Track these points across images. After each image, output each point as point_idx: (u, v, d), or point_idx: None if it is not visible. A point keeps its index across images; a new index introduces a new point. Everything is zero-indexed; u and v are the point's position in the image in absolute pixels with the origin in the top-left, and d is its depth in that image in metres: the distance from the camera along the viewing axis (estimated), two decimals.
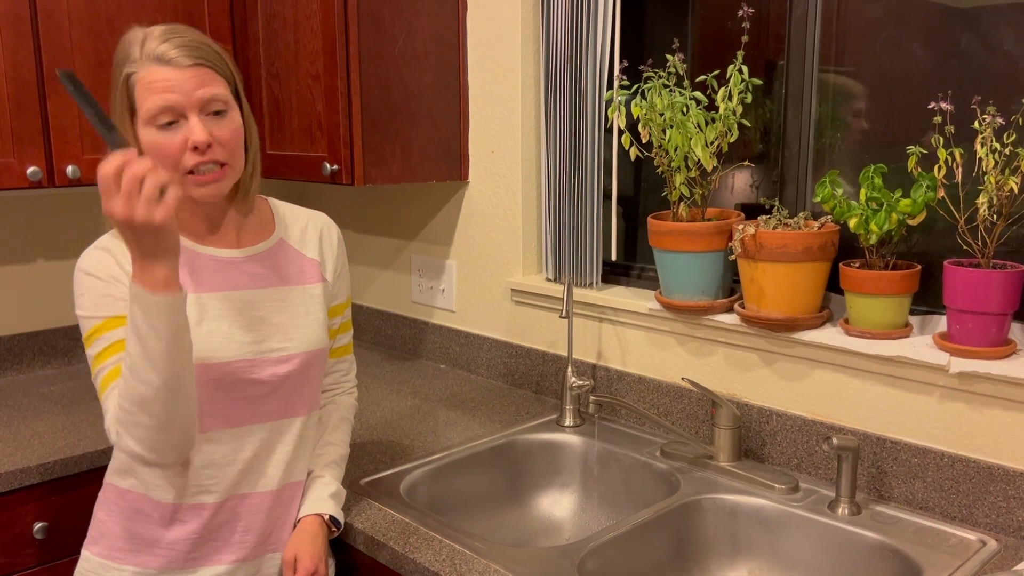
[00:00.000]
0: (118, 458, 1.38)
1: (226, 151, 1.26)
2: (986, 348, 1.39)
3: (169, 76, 1.21)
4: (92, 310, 1.25)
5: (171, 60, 1.22)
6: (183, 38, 1.24)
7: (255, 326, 1.34)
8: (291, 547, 1.39)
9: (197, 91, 1.23)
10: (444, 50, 2.12)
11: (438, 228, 2.33)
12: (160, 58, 1.22)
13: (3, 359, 2.26)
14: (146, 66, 1.22)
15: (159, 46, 1.22)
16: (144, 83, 1.22)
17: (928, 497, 1.47)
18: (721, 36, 1.81)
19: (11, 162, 1.91)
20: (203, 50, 1.25)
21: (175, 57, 1.22)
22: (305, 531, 1.40)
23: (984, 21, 1.50)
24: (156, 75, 1.21)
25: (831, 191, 1.56)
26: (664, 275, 1.76)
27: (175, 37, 1.24)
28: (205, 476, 1.33)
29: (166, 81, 1.21)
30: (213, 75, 1.25)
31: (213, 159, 1.25)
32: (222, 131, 1.25)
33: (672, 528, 1.52)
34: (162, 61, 1.22)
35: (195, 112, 1.23)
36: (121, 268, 1.26)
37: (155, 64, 1.22)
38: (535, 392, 2.13)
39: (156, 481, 1.34)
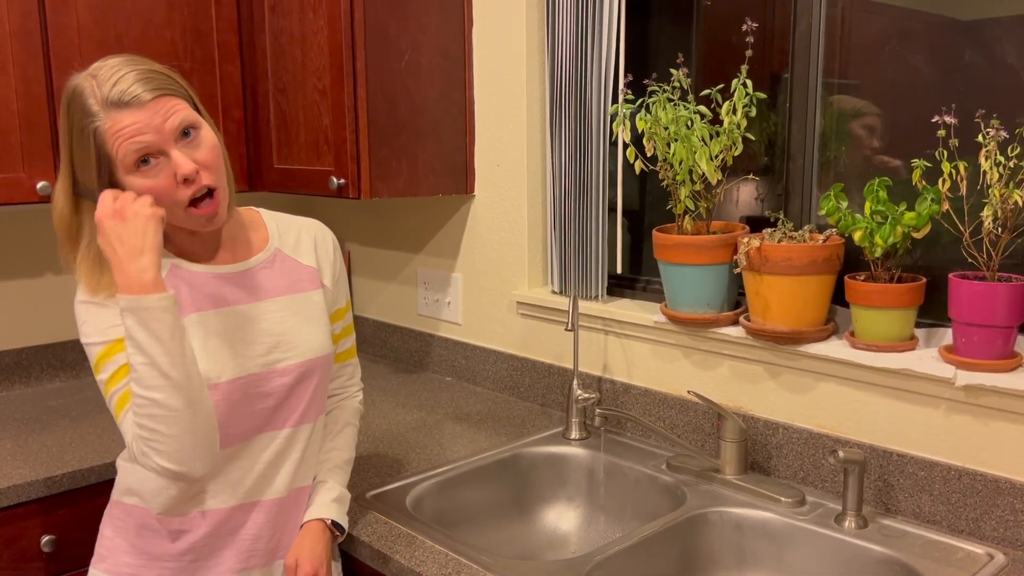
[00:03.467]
0: (124, 477, 1.39)
1: (212, 173, 1.26)
2: (992, 361, 1.39)
3: (137, 118, 1.18)
4: (97, 336, 1.25)
5: (131, 100, 1.18)
6: (132, 72, 1.20)
7: (259, 339, 1.35)
8: (293, 551, 1.40)
9: (166, 123, 1.20)
10: (450, 65, 2.13)
11: (444, 241, 2.34)
12: (119, 102, 1.18)
13: (12, 372, 2.27)
14: (109, 115, 1.18)
15: (112, 90, 1.19)
16: (112, 133, 1.19)
17: (935, 510, 1.47)
18: (725, 50, 1.81)
19: (21, 177, 1.93)
20: (156, 79, 1.22)
21: (135, 95, 1.19)
22: (307, 535, 1.40)
23: (987, 34, 1.51)
24: (122, 121, 1.18)
25: (836, 204, 1.56)
26: (669, 288, 1.76)
27: (124, 74, 1.20)
28: (217, 489, 1.34)
29: (134, 124, 1.18)
30: (174, 100, 1.23)
31: (203, 184, 1.25)
32: (202, 153, 1.25)
33: (678, 541, 1.52)
34: (122, 105, 1.18)
35: (172, 145, 1.21)
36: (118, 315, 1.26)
37: (116, 110, 1.18)
38: (541, 405, 2.13)
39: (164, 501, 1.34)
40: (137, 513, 1.36)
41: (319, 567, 1.38)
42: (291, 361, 1.37)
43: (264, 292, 1.38)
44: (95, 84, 1.20)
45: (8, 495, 1.66)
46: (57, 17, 1.95)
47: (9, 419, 2.04)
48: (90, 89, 1.20)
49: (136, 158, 1.20)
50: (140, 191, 1.21)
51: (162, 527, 1.34)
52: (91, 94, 1.20)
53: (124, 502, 1.38)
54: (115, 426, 1.97)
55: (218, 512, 1.35)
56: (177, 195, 1.23)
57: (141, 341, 1.16)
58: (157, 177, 1.21)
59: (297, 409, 1.39)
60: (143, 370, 1.17)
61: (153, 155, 1.21)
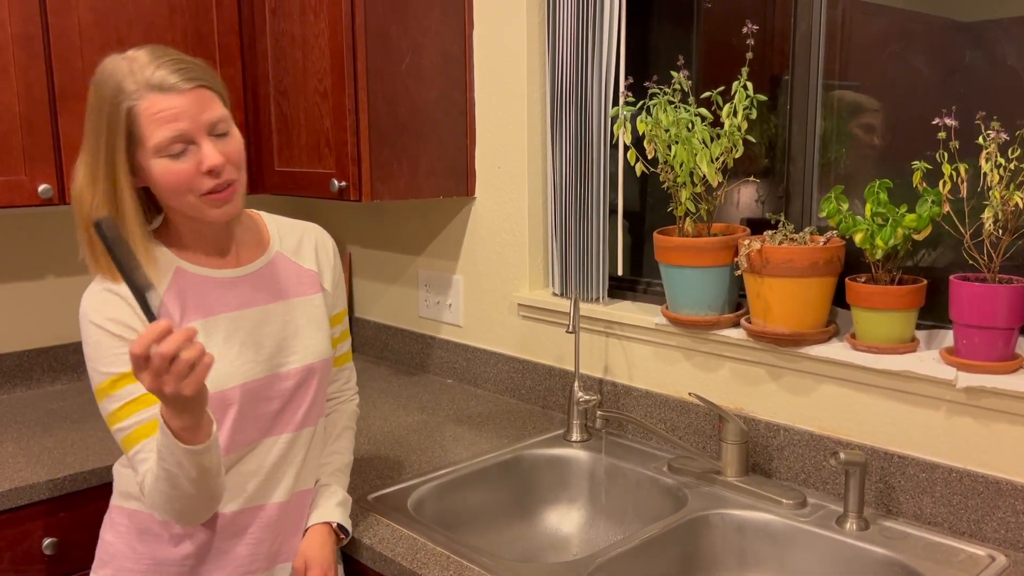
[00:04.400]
0: (123, 482, 1.39)
1: (235, 169, 1.27)
2: (993, 363, 1.39)
3: (174, 104, 1.19)
4: (103, 365, 1.24)
5: (172, 86, 1.19)
6: (175, 62, 1.22)
7: (263, 343, 1.35)
8: (301, 555, 1.41)
9: (203, 115, 1.22)
10: (451, 67, 2.14)
11: (445, 243, 2.34)
12: (160, 86, 1.19)
13: (13, 375, 2.27)
14: (146, 96, 1.19)
15: (154, 73, 1.19)
16: (148, 114, 1.19)
17: (936, 512, 1.47)
18: (726, 52, 1.82)
19: (22, 180, 1.93)
20: (197, 70, 1.24)
21: (176, 83, 1.20)
22: (314, 539, 1.41)
23: (988, 36, 1.51)
24: (161, 104, 1.19)
25: (836, 206, 1.56)
26: (670, 290, 1.76)
27: (167, 61, 1.21)
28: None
29: (172, 109, 1.19)
30: (212, 95, 1.24)
31: (226, 178, 1.25)
32: (229, 149, 1.26)
33: (679, 543, 1.52)
34: (163, 89, 1.19)
35: (204, 136, 1.22)
36: (131, 309, 1.24)
37: (156, 93, 1.19)
38: (542, 407, 2.13)
39: None
40: (139, 518, 1.36)
41: (328, 570, 1.39)
42: (294, 365, 1.37)
43: (268, 296, 1.38)
44: (134, 66, 1.21)
45: (10, 497, 1.66)
46: (59, 20, 1.95)
47: (11, 422, 2.05)
48: (127, 70, 1.20)
49: (169, 142, 1.20)
50: (162, 175, 1.22)
51: (164, 531, 1.34)
52: (128, 74, 1.20)
53: (125, 507, 1.38)
54: None
55: (222, 516, 1.35)
56: (196, 184, 1.23)
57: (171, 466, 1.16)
58: (182, 162, 1.22)
59: (299, 413, 1.39)
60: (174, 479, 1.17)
61: (184, 142, 1.21)
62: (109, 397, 1.24)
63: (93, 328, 1.24)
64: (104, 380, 1.24)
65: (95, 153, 1.22)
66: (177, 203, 1.26)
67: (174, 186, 1.22)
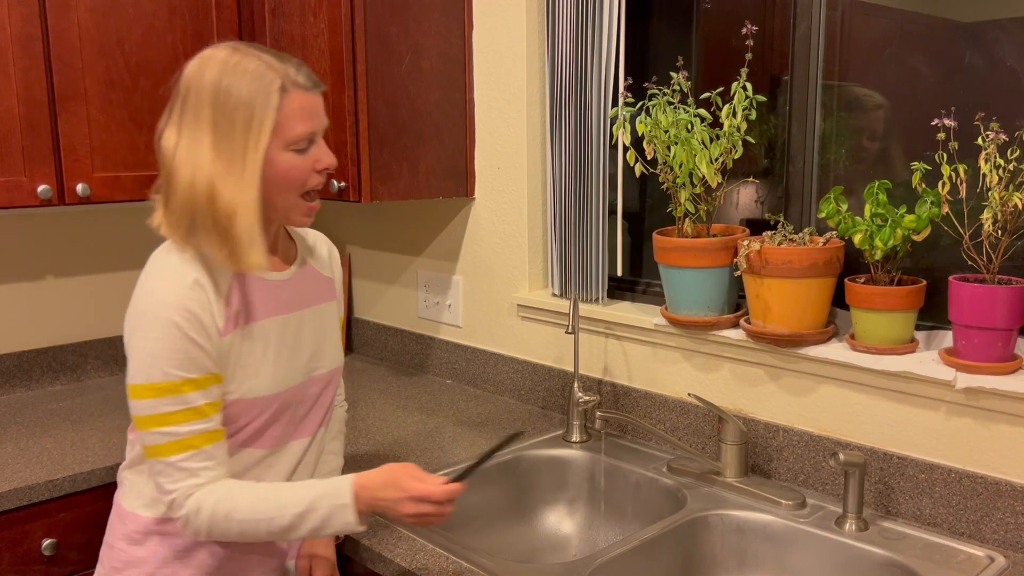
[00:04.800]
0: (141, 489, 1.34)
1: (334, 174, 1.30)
2: (992, 363, 1.39)
3: (313, 103, 1.25)
4: (172, 365, 1.19)
5: (313, 85, 1.25)
6: (298, 64, 1.26)
7: (301, 348, 1.36)
8: (305, 554, 1.42)
9: (324, 118, 1.27)
10: (450, 68, 2.14)
11: (445, 244, 2.34)
12: (304, 84, 1.23)
13: (12, 375, 2.27)
14: (292, 91, 1.22)
15: (298, 71, 1.24)
16: (292, 108, 1.21)
17: (936, 513, 1.47)
18: (725, 53, 1.82)
19: (22, 180, 1.93)
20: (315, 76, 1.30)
21: (316, 83, 1.26)
22: (319, 539, 1.43)
23: (987, 36, 1.51)
24: (302, 100, 1.23)
25: (835, 207, 1.56)
26: (670, 291, 1.76)
27: (297, 62, 1.26)
28: None
29: (311, 107, 1.24)
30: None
31: (330, 179, 1.27)
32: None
33: (679, 544, 1.52)
34: (305, 87, 1.24)
35: (320, 138, 1.27)
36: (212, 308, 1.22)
37: (300, 90, 1.23)
38: (541, 407, 2.13)
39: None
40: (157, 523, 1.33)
41: (335, 569, 1.42)
42: (323, 370, 1.39)
43: (303, 301, 1.38)
44: (269, 62, 1.22)
45: (9, 498, 1.66)
46: (58, 21, 1.95)
47: (10, 422, 2.05)
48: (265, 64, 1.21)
49: (302, 137, 1.23)
50: (285, 168, 1.23)
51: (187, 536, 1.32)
52: (269, 69, 1.21)
53: (141, 514, 1.34)
54: (115, 429, 1.97)
55: None
56: (308, 180, 1.26)
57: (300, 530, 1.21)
58: (303, 159, 1.25)
59: (318, 417, 1.41)
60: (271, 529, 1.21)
61: (310, 140, 1.25)
62: (166, 398, 1.19)
63: (170, 325, 1.19)
64: (166, 380, 1.19)
65: (229, 139, 1.20)
66: (280, 199, 1.26)
67: (291, 181, 1.24)
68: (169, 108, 1.25)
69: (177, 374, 1.19)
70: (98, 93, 2.03)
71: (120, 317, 2.46)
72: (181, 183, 1.20)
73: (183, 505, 1.21)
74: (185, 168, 1.20)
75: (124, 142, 2.09)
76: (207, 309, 1.22)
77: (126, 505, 1.36)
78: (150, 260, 1.26)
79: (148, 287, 1.22)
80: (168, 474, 1.21)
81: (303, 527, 1.20)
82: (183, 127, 1.22)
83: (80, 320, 2.39)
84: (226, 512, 1.20)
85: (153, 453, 1.21)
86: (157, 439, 1.20)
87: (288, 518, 1.20)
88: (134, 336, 1.21)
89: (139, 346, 1.19)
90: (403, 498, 1.20)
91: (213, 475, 1.23)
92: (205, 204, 1.19)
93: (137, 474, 1.36)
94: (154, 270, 1.23)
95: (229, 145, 1.20)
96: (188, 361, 1.20)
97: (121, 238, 2.45)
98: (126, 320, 1.23)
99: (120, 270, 2.45)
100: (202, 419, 1.21)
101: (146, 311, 1.20)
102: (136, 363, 1.20)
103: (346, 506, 1.20)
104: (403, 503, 1.19)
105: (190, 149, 1.20)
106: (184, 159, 1.20)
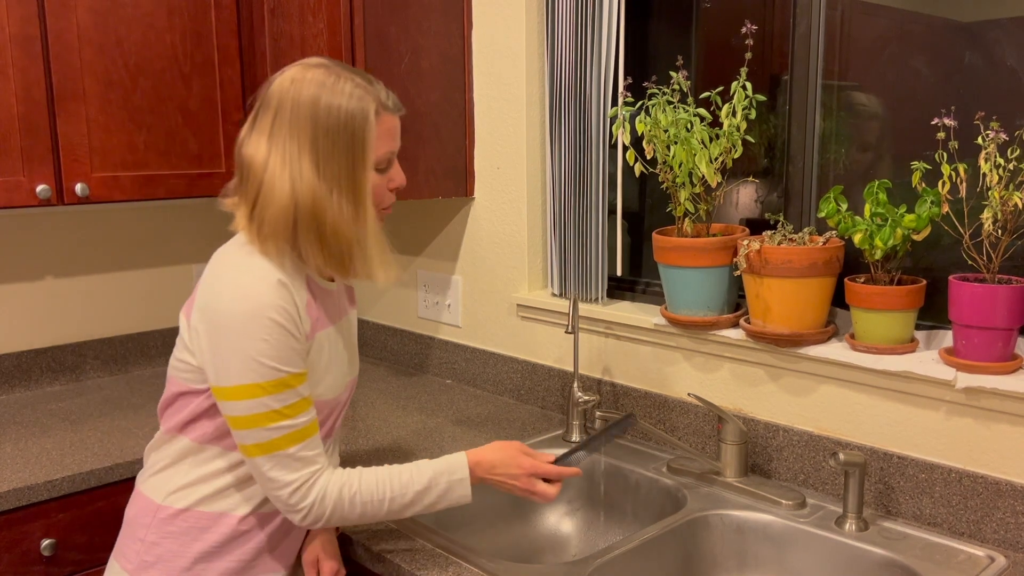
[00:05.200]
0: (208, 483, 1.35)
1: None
2: (992, 363, 1.39)
3: (398, 125, 1.32)
4: (284, 363, 1.23)
5: (397, 110, 1.31)
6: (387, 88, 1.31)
7: (344, 355, 1.41)
8: (311, 549, 1.44)
9: (400, 139, 1.33)
10: (450, 68, 2.14)
11: (444, 244, 2.34)
12: (391, 108, 1.29)
13: (11, 376, 2.27)
14: (383, 113, 1.27)
15: (389, 96, 1.29)
16: (382, 129, 1.27)
17: (936, 513, 1.47)
18: (725, 52, 1.82)
19: (21, 180, 1.93)
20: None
21: (397, 108, 1.31)
22: (325, 534, 1.46)
23: (987, 36, 1.51)
24: (391, 122, 1.30)
25: (835, 206, 1.56)
26: (669, 290, 1.76)
27: (383, 86, 1.30)
28: None
29: (396, 130, 1.31)
30: None
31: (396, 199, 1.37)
32: None
33: (679, 544, 1.52)
34: (393, 110, 1.30)
35: (395, 158, 1.33)
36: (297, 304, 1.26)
37: (388, 112, 1.29)
38: (541, 407, 2.13)
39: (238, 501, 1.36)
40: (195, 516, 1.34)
41: (341, 564, 1.44)
42: (353, 376, 1.46)
43: (341, 311, 1.43)
44: (363, 83, 1.26)
45: (8, 499, 1.66)
46: (57, 21, 1.95)
47: (9, 423, 2.04)
48: (362, 86, 1.26)
49: (388, 157, 1.30)
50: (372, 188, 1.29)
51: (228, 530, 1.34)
52: (367, 91, 1.26)
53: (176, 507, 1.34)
54: (114, 430, 1.97)
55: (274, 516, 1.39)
56: (383, 198, 1.33)
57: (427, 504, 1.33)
58: (381, 177, 1.31)
59: (339, 420, 1.46)
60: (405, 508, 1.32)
61: (389, 160, 1.31)
62: (280, 394, 1.23)
63: (273, 325, 1.22)
64: (277, 377, 1.23)
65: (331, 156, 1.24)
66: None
67: (375, 198, 1.30)
68: (253, 118, 1.28)
69: (286, 370, 1.23)
70: (97, 93, 2.03)
71: (118, 317, 2.46)
72: (280, 196, 1.23)
73: (308, 493, 1.26)
74: (283, 182, 1.23)
75: (123, 142, 2.09)
76: (293, 305, 1.25)
77: (156, 499, 1.36)
78: (224, 260, 1.28)
79: (238, 291, 1.23)
80: (286, 465, 1.25)
81: (422, 503, 1.32)
82: (275, 140, 1.24)
83: (79, 320, 2.39)
84: (351, 496, 1.28)
85: (266, 449, 1.24)
86: (271, 434, 1.24)
87: (410, 496, 1.31)
88: (229, 338, 1.22)
89: (240, 348, 1.21)
90: (521, 474, 1.36)
91: (324, 461, 1.29)
92: (309, 218, 1.23)
93: (174, 468, 1.36)
94: (237, 271, 1.25)
95: (332, 162, 1.24)
96: (294, 355, 1.25)
97: (120, 238, 2.44)
98: (209, 321, 1.24)
99: (119, 270, 2.45)
100: (310, 408, 1.28)
101: (245, 314, 1.21)
102: (238, 365, 1.22)
103: (463, 480, 1.34)
104: (520, 479, 1.36)
105: (287, 163, 1.23)
106: (280, 172, 1.23)
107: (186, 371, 1.31)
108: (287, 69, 1.28)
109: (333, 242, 1.25)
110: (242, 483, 1.34)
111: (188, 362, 1.31)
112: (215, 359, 1.23)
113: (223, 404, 1.25)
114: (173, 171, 2.19)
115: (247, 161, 1.26)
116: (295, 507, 1.27)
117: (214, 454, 1.33)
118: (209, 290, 1.26)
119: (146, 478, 1.40)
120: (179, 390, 1.34)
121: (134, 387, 2.33)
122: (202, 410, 1.32)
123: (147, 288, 2.51)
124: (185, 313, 1.32)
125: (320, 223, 1.24)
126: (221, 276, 1.26)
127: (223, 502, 1.34)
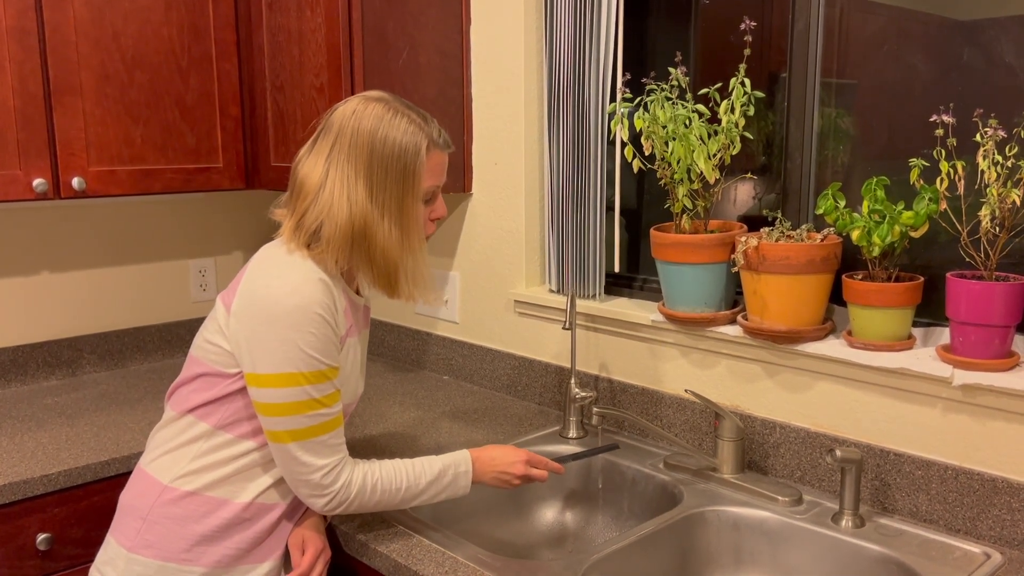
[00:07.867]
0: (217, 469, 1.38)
1: None
2: (989, 360, 1.39)
3: (444, 160, 1.42)
4: (327, 356, 1.33)
5: (446, 148, 1.41)
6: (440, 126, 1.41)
7: (361, 367, 1.51)
8: (297, 532, 1.46)
9: (446, 174, 1.43)
10: (448, 63, 2.13)
11: (441, 240, 2.33)
12: (441, 145, 1.39)
13: (7, 370, 2.26)
14: (433, 149, 1.38)
15: (441, 134, 1.39)
16: (432, 164, 1.38)
17: (932, 510, 1.47)
18: (723, 49, 1.81)
19: (17, 174, 1.92)
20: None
21: (447, 146, 1.41)
22: (313, 521, 1.48)
23: (985, 34, 1.51)
24: (439, 158, 1.40)
25: (833, 203, 1.56)
26: (667, 287, 1.76)
27: (436, 124, 1.40)
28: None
29: (444, 164, 1.41)
30: None
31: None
32: None
33: (675, 540, 1.52)
34: (443, 147, 1.40)
35: (439, 191, 1.43)
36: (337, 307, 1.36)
37: (438, 149, 1.39)
38: (538, 404, 2.13)
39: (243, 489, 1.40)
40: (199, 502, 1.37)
41: (326, 548, 1.46)
42: (361, 390, 1.53)
43: (362, 325, 1.51)
44: (418, 120, 1.37)
45: (3, 493, 1.66)
46: (54, 14, 1.94)
47: (5, 417, 2.04)
48: (416, 123, 1.36)
49: (433, 189, 1.40)
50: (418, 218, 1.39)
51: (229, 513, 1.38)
52: (420, 128, 1.36)
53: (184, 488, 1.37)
54: (110, 424, 1.97)
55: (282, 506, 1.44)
56: (427, 228, 1.43)
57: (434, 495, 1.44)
58: (425, 208, 1.41)
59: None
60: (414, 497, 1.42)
61: (436, 193, 1.42)
62: (319, 384, 1.32)
63: (319, 320, 1.31)
64: (317, 368, 1.32)
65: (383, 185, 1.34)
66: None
67: (419, 229, 1.39)
68: (314, 140, 1.38)
69: (326, 362, 1.33)
70: (94, 87, 2.02)
71: (115, 311, 2.45)
72: (339, 215, 1.33)
73: (339, 476, 1.35)
74: (341, 202, 1.33)
75: (120, 136, 2.08)
76: (337, 310, 1.36)
77: (165, 480, 1.39)
78: (272, 256, 1.36)
79: (288, 285, 1.31)
80: (319, 451, 1.34)
81: (429, 492, 1.43)
82: (333, 162, 1.34)
83: (75, 315, 2.38)
84: (373, 483, 1.38)
85: (301, 436, 1.32)
86: (310, 421, 1.32)
87: (422, 485, 1.42)
88: (276, 328, 1.30)
89: (287, 337, 1.29)
90: (517, 460, 1.50)
91: (346, 450, 1.38)
92: (361, 238, 1.34)
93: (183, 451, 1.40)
94: (288, 267, 1.33)
95: (384, 190, 1.34)
96: (334, 350, 1.35)
97: (116, 232, 2.44)
98: (257, 311, 1.31)
99: (116, 265, 2.45)
100: (340, 400, 1.37)
101: (296, 307, 1.30)
102: (283, 354, 1.30)
103: (467, 472, 1.46)
104: (516, 465, 1.50)
105: (344, 186, 1.33)
106: (339, 194, 1.33)
107: (218, 353, 1.37)
108: (349, 100, 1.38)
109: (382, 262, 1.36)
110: (249, 471, 1.39)
111: (221, 346, 1.36)
112: (256, 347, 1.31)
113: (258, 391, 1.32)
114: (170, 165, 2.18)
115: (301, 178, 1.36)
116: (325, 489, 1.34)
117: (225, 441, 1.38)
118: (258, 281, 1.33)
119: (151, 459, 1.43)
120: (204, 371, 1.39)
121: (130, 382, 2.33)
122: (224, 394, 1.37)
123: (143, 283, 2.51)
124: (223, 300, 1.39)
125: (371, 244, 1.34)
126: (269, 271, 1.34)
127: (228, 488, 1.38)
